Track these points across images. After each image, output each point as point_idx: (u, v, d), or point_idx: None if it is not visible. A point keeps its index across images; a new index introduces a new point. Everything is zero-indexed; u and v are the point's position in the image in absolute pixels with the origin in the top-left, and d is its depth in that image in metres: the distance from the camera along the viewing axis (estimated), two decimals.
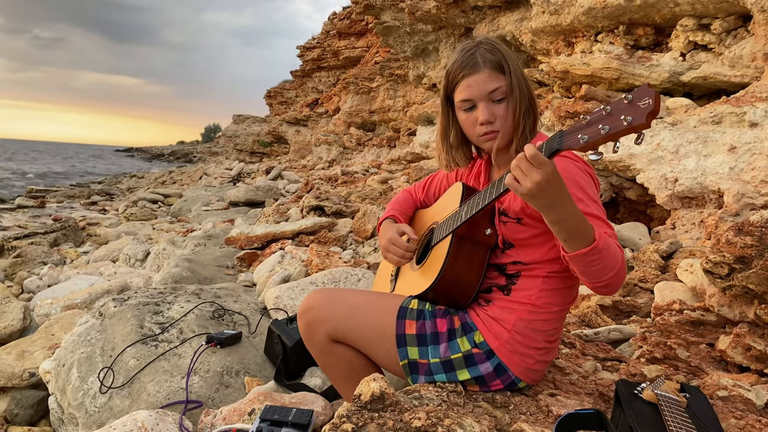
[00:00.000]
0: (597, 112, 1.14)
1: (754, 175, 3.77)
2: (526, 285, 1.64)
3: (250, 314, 3.11)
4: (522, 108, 1.63)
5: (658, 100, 1.04)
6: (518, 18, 8.62)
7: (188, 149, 65.65)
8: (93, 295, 4.03)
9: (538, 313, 1.62)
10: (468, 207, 1.60)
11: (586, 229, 1.32)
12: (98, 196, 20.69)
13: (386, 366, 1.76)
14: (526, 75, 1.69)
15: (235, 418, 2.08)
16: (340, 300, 1.78)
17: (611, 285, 1.38)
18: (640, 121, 1.05)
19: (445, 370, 1.63)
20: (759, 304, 2.26)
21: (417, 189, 2.17)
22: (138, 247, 6.35)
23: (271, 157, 32.04)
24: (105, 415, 2.35)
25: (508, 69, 1.62)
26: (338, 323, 1.74)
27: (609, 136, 1.10)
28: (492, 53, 1.63)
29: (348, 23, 25.54)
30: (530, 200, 1.28)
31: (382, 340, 1.70)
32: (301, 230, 5.42)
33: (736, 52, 5.02)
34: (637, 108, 1.06)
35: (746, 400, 1.80)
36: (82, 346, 2.71)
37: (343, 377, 1.79)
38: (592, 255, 1.32)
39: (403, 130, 16.44)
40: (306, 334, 1.82)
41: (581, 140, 1.15)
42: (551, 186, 1.24)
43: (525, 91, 1.64)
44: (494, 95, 1.62)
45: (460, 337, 1.65)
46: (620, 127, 1.08)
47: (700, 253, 3.35)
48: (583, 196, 1.46)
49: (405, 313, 1.70)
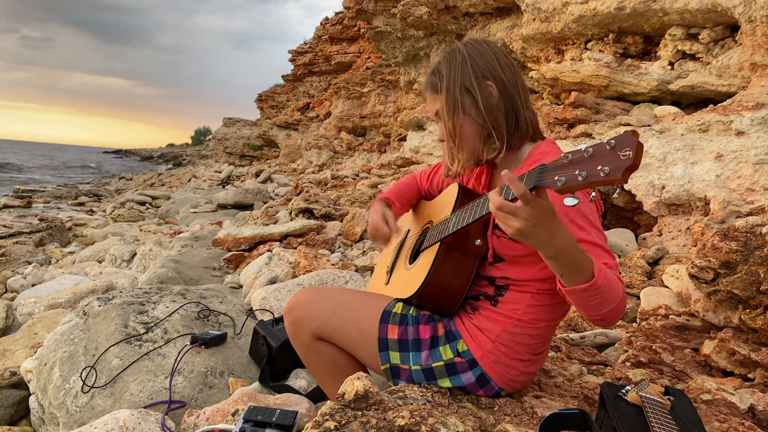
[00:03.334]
0: (579, 153, 1.06)
1: (740, 183, 3.81)
2: (514, 299, 1.59)
3: (236, 315, 3.09)
4: (456, 125, 1.60)
5: (639, 153, 0.97)
6: (509, 25, 8.67)
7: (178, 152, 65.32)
8: (77, 295, 3.99)
9: (524, 328, 1.58)
10: (458, 218, 1.56)
11: (585, 263, 1.25)
12: (86, 197, 20.51)
13: (369, 366, 1.75)
14: (486, 84, 1.59)
15: (218, 418, 2.06)
16: (326, 298, 1.77)
17: (608, 319, 1.32)
18: (616, 176, 0.98)
19: (426, 378, 1.61)
20: (743, 309, 2.27)
21: (422, 177, 2.14)
22: (124, 248, 6.30)
23: (261, 160, 31.97)
24: (86, 414, 2.32)
25: (441, 88, 1.62)
26: (322, 322, 1.73)
27: (586, 182, 1.03)
28: (433, 74, 1.65)
29: (340, 28, 25.57)
30: (522, 239, 1.21)
31: (363, 341, 1.69)
32: (290, 232, 5.40)
33: (723, 61, 5.08)
34: (617, 159, 0.98)
35: (730, 403, 1.81)
36: (64, 345, 2.68)
37: (328, 375, 1.78)
38: (590, 291, 1.26)
39: (394, 136, 16.47)
40: (291, 331, 1.81)
41: (558, 182, 1.08)
42: (541, 223, 1.17)
43: (460, 107, 1.58)
44: (437, 116, 1.66)
45: (443, 345, 1.62)
46: (596, 177, 1.01)
47: (686, 259, 3.38)
48: (584, 223, 1.40)
49: (388, 317, 1.68)
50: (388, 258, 2.16)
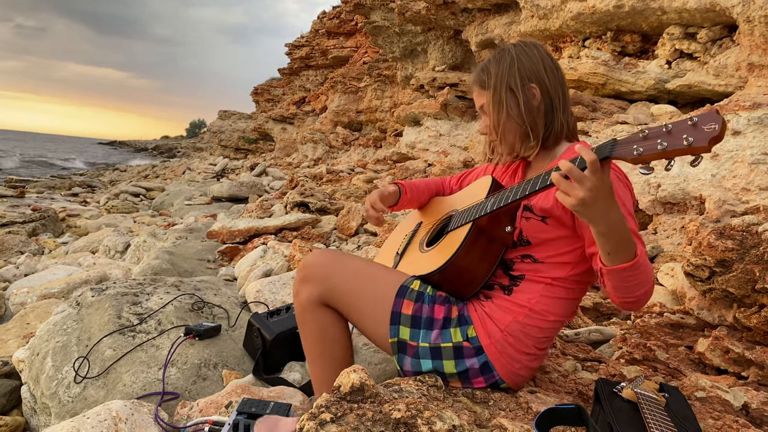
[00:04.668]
0: (657, 128, 1.11)
1: (736, 183, 3.82)
2: (528, 288, 1.63)
3: (230, 308, 3.08)
4: (499, 121, 1.70)
5: (724, 127, 1.02)
6: (507, 22, 8.66)
7: (172, 144, 65.06)
8: (70, 285, 3.97)
9: (534, 319, 1.61)
10: (496, 199, 1.58)
11: (630, 243, 1.30)
12: (79, 188, 20.41)
13: (372, 337, 1.74)
14: (526, 85, 1.69)
15: (211, 410, 2.05)
16: (342, 263, 1.76)
17: (640, 301, 1.37)
18: (701, 144, 1.03)
19: (432, 357, 1.62)
20: (738, 307, 2.28)
21: (452, 179, 2.22)
22: (118, 239, 6.27)
23: (256, 153, 31.87)
24: (79, 405, 2.30)
25: (489, 84, 1.72)
26: (334, 285, 1.72)
27: (665, 153, 1.07)
28: (482, 70, 1.75)
29: (337, 23, 25.51)
30: (581, 210, 1.24)
31: (375, 311, 1.69)
32: (285, 226, 5.38)
33: (720, 61, 5.09)
34: (701, 131, 1.03)
35: (724, 401, 1.81)
36: (57, 335, 2.66)
37: (313, 340, 1.77)
38: (631, 270, 1.30)
39: (390, 131, 16.45)
40: (297, 287, 1.79)
41: (635, 151, 1.12)
42: (602, 196, 1.21)
43: (504, 105, 1.69)
44: (482, 110, 1.77)
45: (454, 328, 1.63)
46: (679, 146, 1.05)
47: (681, 257, 3.38)
48: (623, 210, 1.43)
49: (405, 292, 1.68)
50: (396, 245, 2.16)
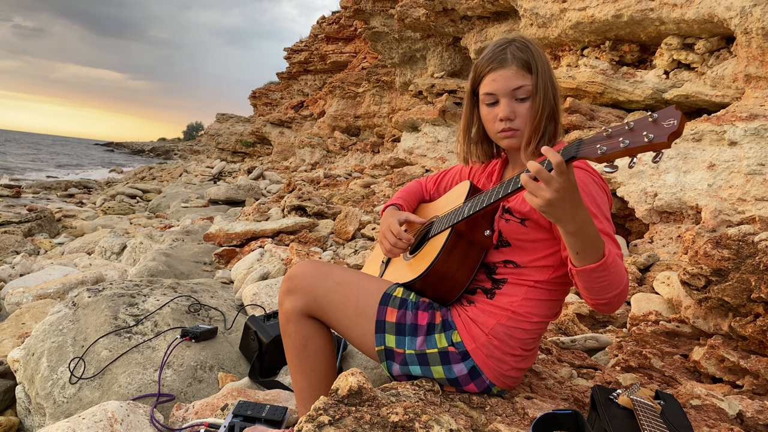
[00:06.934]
0: (619, 126, 1.13)
1: (732, 193, 3.84)
2: (511, 291, 1.63)
3: (227, 310, 3.08)
4: (545, 111, 1.61)
5: (683, 122, 1.04)
6: (506, 30, 8.69)
7: (169, 146, 64.92)
8: (66, 286, 3.96)
9: (518, 321, 1.61)
10: (472, 204, 1.58)
11: (599, 242, 1.30)
12: (76, 189, 20.36)
13: (359, 347, 1.74)
14: (556, 82, 1.66)
15: (207, 412, 2.05)
16: (327, 274, 1.75)
17: (612, 304, 1.37)
18: (661, 140, 1.05)
19: (419, 363, 1.63)
20: (734, 316, 2.29)
21: (429, 181, 2.16)
22: (114, 240, 6.26)
23: (253, 157, 31.85)
24: (74, 405, 2.30)
25: (536, 69, 1.61)
26: (319, 296, 1.72)
27: (628, 150, 1.09)
28: (522, 51, 1.62)
29: (336, 28, 25.54)
30: (548, 211, 1.24)
31: (360, 321, 1.69)
32: (282, 229, 5.38)
33: (718, 72, 5.12)
34: (661, 127, 1.06)
35: (719, 409, 1.82)
36: (53, 335, 2.66)
37: (296, 351, 1.76)
38: (599, 271, 1.31)
39: (388, 136, 16.46)
40: (281, 299, 1.79)
41: (599, 151, 1.14)
42: (568, 196, 1.22)
43: (550, 95, 1.62)
44: (518, 93, 1.61)
45: (439, 333, 1.64)
46: (640, 143, 1.07)
47: (677, 266, 3.40)
48: (597, 212, 1.44)
49: (388, 299, 1.69)
50: (381, 254, 2.16)
